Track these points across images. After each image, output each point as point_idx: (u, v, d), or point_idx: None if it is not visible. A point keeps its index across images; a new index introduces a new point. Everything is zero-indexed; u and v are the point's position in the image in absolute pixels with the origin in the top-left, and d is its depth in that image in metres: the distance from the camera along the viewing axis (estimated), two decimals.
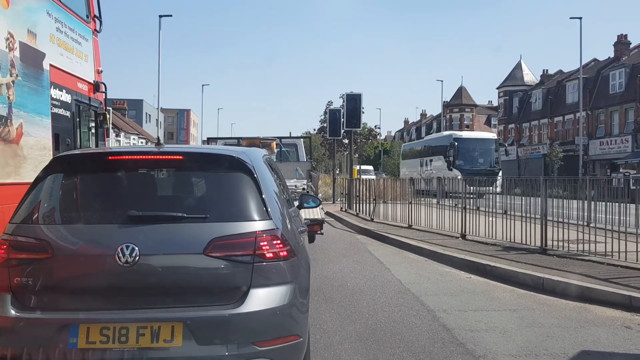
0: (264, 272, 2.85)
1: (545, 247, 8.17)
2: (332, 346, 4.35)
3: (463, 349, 4.30)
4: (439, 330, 4.80)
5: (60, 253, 2.78)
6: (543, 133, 47.57)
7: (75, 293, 2.80)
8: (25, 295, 2.76)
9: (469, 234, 9.90)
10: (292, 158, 13.63)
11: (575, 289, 6.02)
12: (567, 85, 44.65)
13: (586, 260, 7.44)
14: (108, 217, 2.91)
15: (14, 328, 2.72)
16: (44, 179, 3.06)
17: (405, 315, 5.33)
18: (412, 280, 7.04)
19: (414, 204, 12.46)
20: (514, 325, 4.97)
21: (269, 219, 2.97)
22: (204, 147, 3.80)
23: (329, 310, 5.47)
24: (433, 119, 77.02)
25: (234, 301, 2.77)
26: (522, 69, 56.62)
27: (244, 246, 2.83)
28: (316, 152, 54.43)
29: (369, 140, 59.06)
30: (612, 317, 5.25)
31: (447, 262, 8.17)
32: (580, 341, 4.52)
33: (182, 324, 2.67)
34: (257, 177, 3.08)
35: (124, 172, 3.14)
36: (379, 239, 11.11)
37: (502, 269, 7.12)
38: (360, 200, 15.95)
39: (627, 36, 41.27)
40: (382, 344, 4.43)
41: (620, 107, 37.76)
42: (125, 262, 2.71)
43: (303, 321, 3.06)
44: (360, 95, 19.44)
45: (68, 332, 2.66)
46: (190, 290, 2.78)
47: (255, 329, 2.75)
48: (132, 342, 2.65)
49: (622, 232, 7.29)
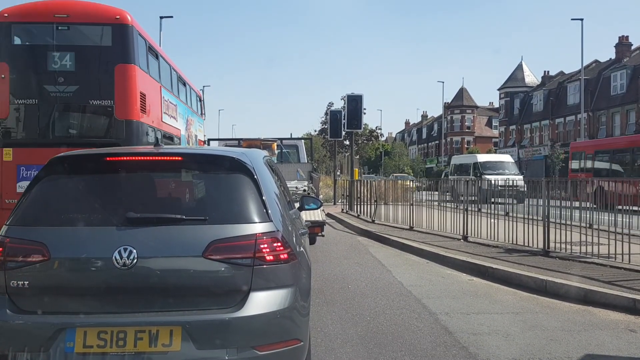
0: (264, 275, 2.80)
1: (548, 249, 8.12)
2: (333, 350, 4.31)
3: (466, 353, 4.25)
4: (441, 334, 4.75)
5: (57, 255, 2.74)
6: (544, 134, 47.54)
7: (73, 296, 2.76)
8: (21, 298, 2.73)
9: (471, 235, 9.86)
10: (293, 159, 13.67)
11: (578, 292, 5.97)
12: (569, 86, 44.64)
13: (589, 263, 7.39)
14: (106, 219, 2.86)
15: (10, 331, 2.68)
16: (41, 180, 3.02)
17: (407, 318, 5.28)
18: (413, 282, 6.99)
19: (415, 206, 12.43)
20: (517, 329, 4.92)
21: (269, 221, 2.93)
22: (203, 148, 3.77)
23: (330, 313, 5.43)
24: (434, 120, 77.02)
25: (233, 305, 2.73)
26: (523, 70, 56.62)
27: (244, 249, 2.79)
28: (317, 154, 54.40)
29: (370, 142, 59.08)
30: (616, 320, 5.20)
31: (449, 264, 8.13)
32: (584, 344, 4.47)
33: (180, 327, 2.63)
34: (258, 179, 3.04)
35: (123, 174, 3.10)
36: (380, 241, 11.07)
37: (504, 271, 7.07)
38: (361, 201, 15.92)
39: (628, 37, 41.31)
40: (383, 347, 4.38)
41: (622, 108, 37.73)
42: (123, 265, 2.67)
43: (304, 325, 3.02)
44: (361, 96, 19.44)
45: (65, 335, 2.62)
46: (189, 294, 2.74)
47: (255, 333, 2.71)
48: (130, 346, 2.61)
49: (625, 234, 7.24)
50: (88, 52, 8.41)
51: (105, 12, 8.47)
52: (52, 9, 8.28)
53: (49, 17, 8.21)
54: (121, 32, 8.31)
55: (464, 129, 67.65)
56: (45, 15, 8.27)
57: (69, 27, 8.34)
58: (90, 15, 8.47)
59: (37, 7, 8.53)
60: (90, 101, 8.21)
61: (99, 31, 8.44)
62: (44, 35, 8.34)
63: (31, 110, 8.23)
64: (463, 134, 67.40)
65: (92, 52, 8.43)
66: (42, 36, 8.40)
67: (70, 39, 8.40)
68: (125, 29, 8.32)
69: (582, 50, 34.09)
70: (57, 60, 8.15)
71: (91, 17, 8.46)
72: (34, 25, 8.51)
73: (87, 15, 8.46)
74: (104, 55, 8.36)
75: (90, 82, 8.21)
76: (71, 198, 3.02)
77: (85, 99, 8.21)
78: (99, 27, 8.43)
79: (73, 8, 8.43)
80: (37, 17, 8.39)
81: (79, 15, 8.39)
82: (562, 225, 8.08)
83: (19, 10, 8.39)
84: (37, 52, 8.32)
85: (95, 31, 8.48)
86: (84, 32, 8.55)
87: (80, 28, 8.49)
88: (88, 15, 8.47)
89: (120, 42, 8.30)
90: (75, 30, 8.44)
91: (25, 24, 8.46)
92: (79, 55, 8.20)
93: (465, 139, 67.17)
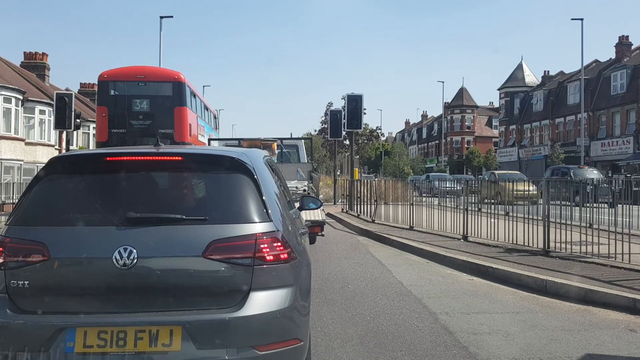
0: (264, 274, 2.80)
1: (548, 249, 8.12)
2: (333, 349, 4.30)
3: (466, 352, 4.25)
4: (441, 333, 4.75)
5: (57, 255, 2.74)
6: (544, 134, 47.53)
7: (73, 296, 2.76)
8: (21, 298, 2.72)
9: (471, 235, 9.85)
10: (293, 159, 13.77)
11: (578, 292, 5.97)
12: (569, 86, 44.62)
13: (589, 262, 7.38)
14: (106, 218, 2.85)
15: (10, 331, 2.68)
16: (41, 180, 3.02)
17: (407, 317, 5.28)
18: (413, 282, 6.99)
19: (416, 206, 12.43)
20: (517, 328, 4.92)
21: (269, 221, 2.92)
22: (203, 148, 3.76)
23: (330, 312, 5.43)
24: (434, 120, 77.02)
25: (233, 304, 2.72)
26: (524, 70, 56.63)
27: (244, 249, 2.79)
28: (317, 153, 54.43)
29: (370, 142, 59.10)
30: (616, 320, 5.20)
31: (449, 264, 8.13)
32: (584, 344, 4.47)
33: (181, 327, 2.63)
34: (258, 179, 3.03)
35: (122, 173, 3.08)
36: (380, 241, 11.07)
37: (504, 271, 7.07)
38: (361, 201, 15.92)
39: (628, 37, 41.34)
40: (383, 347, 4.38)
41: (622, 108, 37.72)
42: (123, 265, 2.67)
43: (304, 324, 3.01)
44: (361, 96, 19.45)
45: (65, 335, 2.62)
46: (189, 293, 2.73)
47: (255, 333, 2.70)
48: (130, 346, 2.60)
49: (625, 234, 7.23)
50: (157, 99, 13.35)
51: (168, 74, 13.92)
52: (135, 72, 13.47)
53: (133, 77, 13.35)
54: (178, 86, 13.43)
55: (464, 128, 67.66)
56: (130, 76, 13.38)
57: (145, 84, 13.39)
58: (158, 76, 13.97)
59: (125, 70, 13.66)
60: (159, 130, 12.26)
61: (164, 86, 13.52)
62: (130, 89, 13.25)
63: (122, 137, 12.82)
64: (463, 134, 67.43)
65: (160, 99, 13.34)
66: (129, 89, 13.25)
67: (146, 91, 13.38)
68: (180, 84, 13.42)
69: (582, 50, 34.14)
70: (138, 104, 13.14)
71: (159, 77, 13.83)
72: (123, 83, 13.32)
73: (157, 76, 13.91)
74: (167, 101, 13.30)
75: (159, 118, 13.09)
76: (71, 198, 3.01)
77: (156, 129, 12.49)
78: (164, 83, 13.56)
79: (148, 71, 13.90)
80: (125, 77, 13.37)
81: (151, 76, 13.72)
82: (562, 225, 8.08)
83: (114, 73, 13.51)
84: (125, 99, 13.14)
85: (162, 86, 13.56)
86: (155, 86, 13.54)
87: (153, 84, 13.52)
88: (157, 76, 13.94)
89: (177, 93, 13.35)
90: (149, 85, 13.44)
91: (118, 82, 13.33)
92: (152, 101, 13.25)
93: (465, 139, 67.19)
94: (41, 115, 28.90)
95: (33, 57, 34.67)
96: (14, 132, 26.69)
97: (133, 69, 13.59)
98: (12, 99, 26.28)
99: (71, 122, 16.11)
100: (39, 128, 29.02)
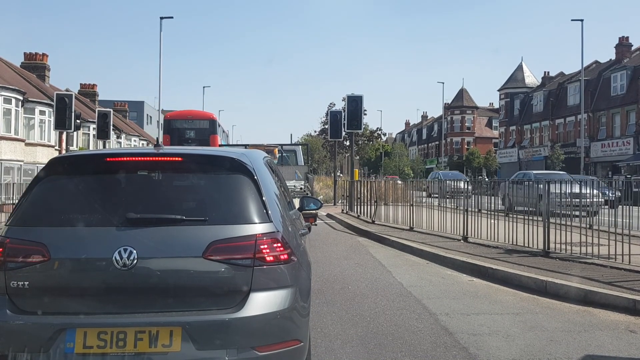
0: (264, 275, 2.80)
1: (548, 250, 8.12)
2: (333, 350, 4.30)
3: (466, 353, 4.25)
4: (441, 334, 4.75)
5: (57, 256, 2.73)
6: (544, 135, 47.55)
7: (73, 296, 2.76)
8: (21, 299, 2.72)
9: (471, 236, 9.85)
10: (291, 162, 15.84)
11: (578, 292, 5.96)
12: (569, 87, 44.64)
13: (589, 263, 7.38)
14: (106, 219, 2.85)
15: (10, 332, 2.68)
16: (41, 181, 3.01)
17: (407, 318, 5.28)
18: (413, 283, 6.99)
19: (415, 206, 12.42)
20: (517, 329, 4.91)
21: (269, 221, 2.92)
22: (203, 149, 3.73)
23: (330, 313, 5.42)
24: (434, 121, 77.02)
25: (233, 305, 2.72)
26: (523, 70, 56.64)
27: (244, 249, 2.79)
28: (317, 154, 54.49)
29: (371, 142, 59.10)
30: (616, 321, 5.19)
31: (449, 265, 8.12)
32: (584, 345, 4.47)
33: (180, 328, 2.63)
34: (258, 179, 3.03)
35: (123, 174, 3.08)
36: (380, 241, 11.07)
37: (504, 272, 7.06)
38: (361, 202, 15.92)
39: (628, 38, 41.33)
40: (384, 347, 4.38)
41: (622, 109, 37.72)
42: (123, 266, 2.67)
43: (304, 325, 3.01)
44: (361, 97, 19.48)
45: (65, 336, 2.62)
46: (189, 294, 2.73)
47: (255, 334, 2.70)
48: (130, 346, 2.60)
49: (625, 235, 7.23)
50: (200, 130, 19.67)
51: (206, 114, 21.48)
52: (187, 115, 20.64)
53: (185, 117, 20.31)
54: (212, 122, 20.20)
55: (464, 129, 67.67)
56: (184, 116, 20.41)
57: (192, 121, 20.08)
58: (200, 116, 20.91)
59: (181, 113, 21.14)
60: None
61: (204, 122, 20.12)
62: (183, 124, 19.96)
63: None
64: (463, 135, 67.43)
65: (201, 130, 19.64)
66: (182, 124, 19.98)
67: (193, 125, 19.92)
68: (214, 120, 20.41)
69: (582, 50, 34.11)
70: (188, 133, 19.65)
71: (201, 117, 20.75)
72: (179, 120, 20.17)
73: (199, 116, 20.81)
74: (205, 131, 19.57)
75: (201, 142, 18.76)
76: (71, 198, 3.01)
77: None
78: (204, 120, 20.30)
79: (194, 113, 21.24)
80: (180, 117, 20.42)
81: (196, 116, 20.68)
82: (562, 225, 8.07)
83: (174, 114, 21.23)
84: (180, 130, 19.69)
85: (202, 122, 20.13)
86: (198, 122, 20.09)
87: (197, 121, 20.16)
88: (200, 116, 20.88)
89: (211, 126, 19.94)
90: (195, 121, 20.12)
91: (176, 120, 20.23)
92: (196, 131, 19.64)
93: (465, 140, 67.21)
94: (41, 115, 28.89)
95: (33, 57, 34.70)
96: (14, 132, 26.67)
97: (185, 112, 21.30)
98: (12, 100, 26.28)
99: (71, 123, 17.91)
100: (39, 129, 29.01)
